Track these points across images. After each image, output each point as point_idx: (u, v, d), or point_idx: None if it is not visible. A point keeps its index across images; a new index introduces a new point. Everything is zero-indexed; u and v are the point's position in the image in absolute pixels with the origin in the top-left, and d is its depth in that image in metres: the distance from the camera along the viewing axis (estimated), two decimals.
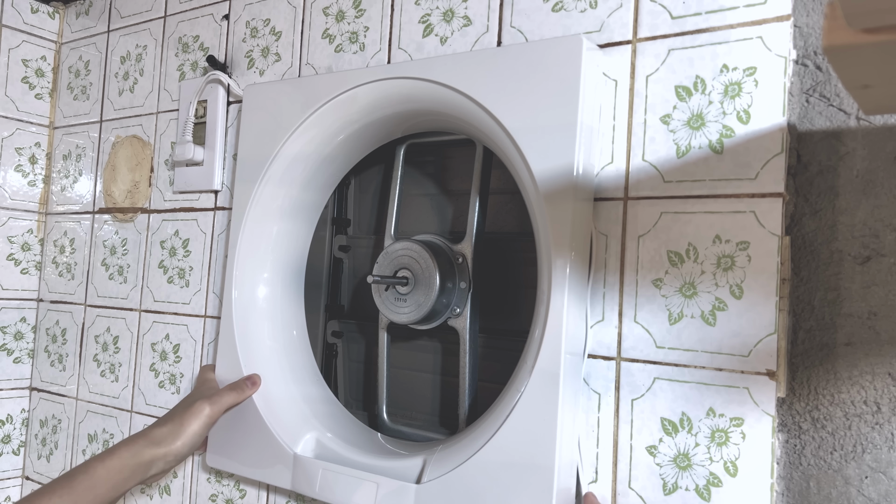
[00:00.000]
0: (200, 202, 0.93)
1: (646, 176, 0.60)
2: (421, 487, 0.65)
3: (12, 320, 1.11)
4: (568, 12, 0.66)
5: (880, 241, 0.52)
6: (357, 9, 0.80)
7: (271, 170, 0.80)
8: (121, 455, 0.70)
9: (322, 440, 0.75)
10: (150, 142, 1.00)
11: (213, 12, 0.94)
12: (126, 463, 0.70)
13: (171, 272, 0.95)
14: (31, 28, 1.13)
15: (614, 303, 0.61)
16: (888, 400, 0.51)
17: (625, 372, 0.61)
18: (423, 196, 0.83)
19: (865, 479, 0.52)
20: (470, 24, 0.72)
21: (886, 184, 0.52)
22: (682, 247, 0.58)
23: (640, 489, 0.59)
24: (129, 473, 0.70)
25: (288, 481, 0.74)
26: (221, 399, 0.75)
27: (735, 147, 0.57)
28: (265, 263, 0.82)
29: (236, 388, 0.77)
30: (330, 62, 0.82)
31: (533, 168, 0.61)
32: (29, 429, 1.13)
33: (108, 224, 1.05)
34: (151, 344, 0.96)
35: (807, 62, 0.55)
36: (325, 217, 0.86)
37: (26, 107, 1.12)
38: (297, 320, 0.84)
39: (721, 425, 0.56)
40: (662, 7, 0.61)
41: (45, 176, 1.15)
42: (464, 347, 0.73)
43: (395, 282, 0.73)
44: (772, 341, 0.54)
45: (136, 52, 1.04)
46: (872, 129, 0.53)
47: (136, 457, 0.70)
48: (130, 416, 0.98)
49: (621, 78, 0.62)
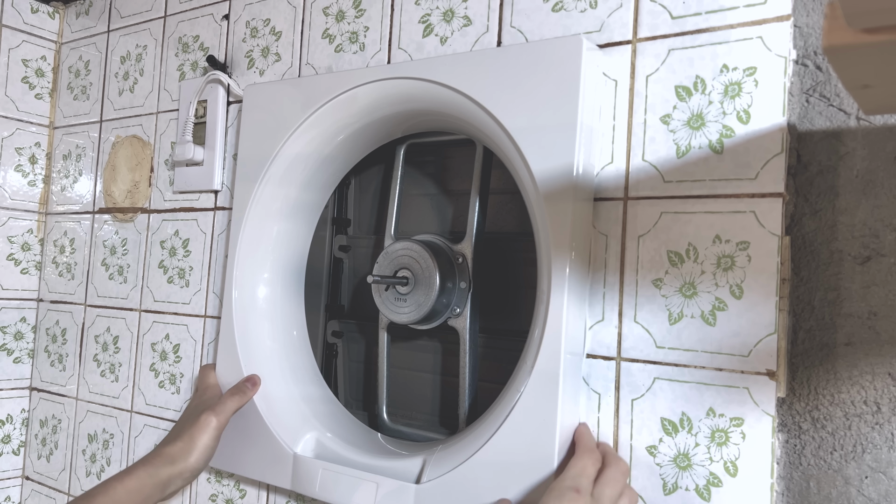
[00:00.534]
0: (200, 202, 0.93)
1: (646, 176, 0.60)
2: (420, 487, 0.65)
3: (12, 320, 1.11)
4: (568, 12, 0.66)
5: (880, 241, 0.52)
6: (357, 9, 0.80)
7: (271, 170, 0.80)
8: (139, 475, 0.70)
9: (322, 440, 0.75)
10: (150, 142, 1.00)
11: (213, 12, 0.94)
12: (145, 483, 0.70)
13: (171, 272, 0.95)
14: (31, 28, 1.13)
15: (614, 303, 0.61)
16: (888, 400, 0.51)
17: (625, 372, 0.61)
18: (423, 196, 0.83)
19: (865, 479, 0.52)
20: (470, 24, 0.72)
21: (886, 184, 0.52)
22: (682, 247, 0.58)
23: (640, 489, 0.59)
24: (148, 493, 0.70)
25: (288, 481, 0.74)
26: (226, 407, 0.75)
27: (735, 147, 0.57)
28: (265, 263, 0.82)
29: (238, 392, 0.77)
30: (330, 62, 0.82)
31: (533, 168, 0.61)
32: (29, 429, 1.13)
33: (108, 224, 1.05)
34: (151, 344, 0.96)
35: (807, 62, 0.55)
36: (325, 217, 0.86)
37: (26, 107, 1.12)
38: (297, 320, 0.84)
39: (721, 425, 0.56)
40: (662, 7, 0.61)
41: (45, 176, 1.15)
42: (464, 347, 0.73)
43: (395, 282, 0.73)
44: (772, 341, 0.54)
45: (136, 52, 1.04)
46: (872, 129, 0.53)
47: (154, 476, 0.71)
48: (130, 416, 0.98)
49: (621, 78, 0.62)
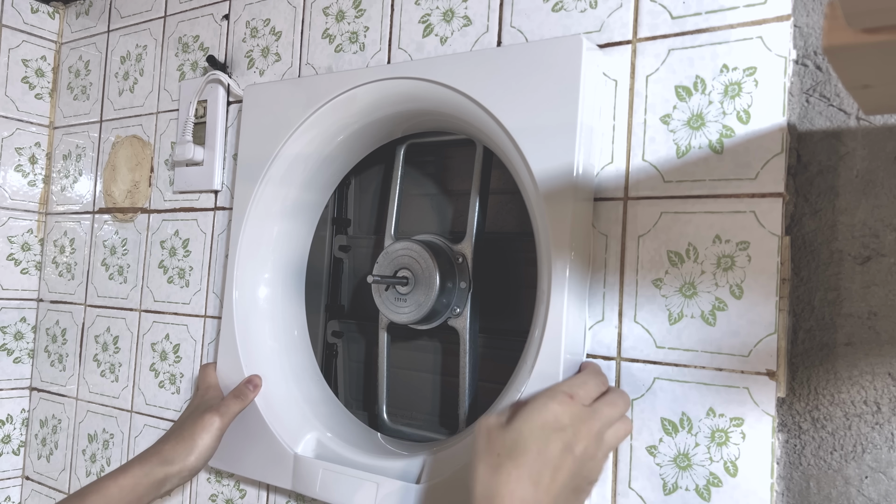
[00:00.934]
0: (200, 202, 0.93)
1: (646, 176, 0.60)
2: (421, 488, 0.65)
3: (12, 320, 1.11)
4: (568, 12, 0.66)
5: (880, 241, 0.52)
6: (357, 9, 0.80)
7: (272, 170, 0.80)
8: (134, 473, 0.69)
9: (322, 440, 0.75)
10: (150, 142, 1.00)
11: (213, 12, 0.94)
12: (139, 482, 0.69)
13: (171, 272, 0.95)
14: (31, 28, 1.13)
15: (614, 303, 0.61)
16: (888, 400, 0.51)
17: (625, 372, 0.61)
18: (423, 196, 0.83)
19: (865, 479, 0.52)
20: (470, 24, 0.72)
21: (886, 184, 0.52)
22: (682, 247, 0.58)
23: (640, 489, 0.59)
24: (142, 492, 0.69)
25: (289, 481, 0.74)
26: (229, 409, 0.75)
27: (735, 147, 0.57)
28: (266, 264, 0.82)
29: (240, 396, 0.77)
30: (330, 62, 0.82)
31: (533, 168, 0.61)
32: (29, 429, 1.13)
33: (108, 224, 1.05)
34: (151, 344, 0.96)
35: (807, 62, 0.55)
36: (325, 217, 0.86)
37: (26, 107, 1.12)
38: (297, 320, 0.84)
39: (721, 425, 0.56)
40: (662, 7, 0.61)
41: (45, 176, 1.15)
42: (464, 347, 0.73)
43: (395, 282, 0.73)
44: (772, 341, 0.54)
45: (136, 52, 1.04)
46: (872, 129, 0.53)
47: (150, 475, 0.70)
48: (130, 416, 0.98)
49: (621, 78, 0.62)
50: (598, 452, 0.53)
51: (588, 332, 0.62)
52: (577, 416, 0.52)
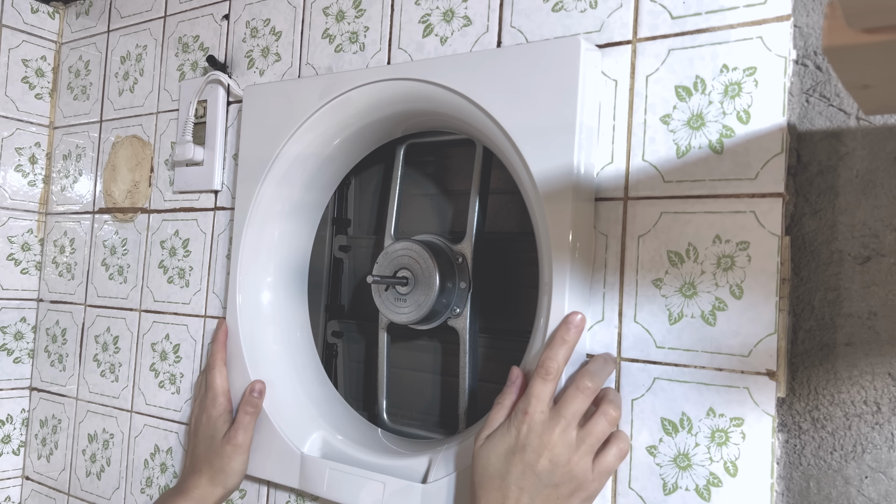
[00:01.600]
0: (200, 202, 0.93)
1: (646, 176, 0.60)
2: (427, 487, 0.65)
3: (12, 320, 1.11)
4: (568, 12, 0.66)
5: (880, 241, 0.52)
6: (357, 9, 0.80)
7: (273, 171, 0.80)
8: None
9: (328, 440, 0.75)
10: (150, 142, 1.00)
11: (213, 12, 0.94)
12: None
13: (171, 272, 0.95)
14: (31, 28, 1.13)
15: (614, 303, 0.61)
16: (888, 400, 0.51)
17: (625, 372, 0.61)
18: (423, 196, 0.83)
19: (865, 479, 0.52)
20: (470, 24, 0.72)
21: (886, 184, 0.52)
22: (682, 247, 0.58)
23: (640, 489, 0.59)
24: None
25: (296, 481, 0.74)
26: (249, 424, 0.77)
27: (735, 147, 0.57)
28: (268, 266, 0.82)
29: (252, 408, 0.77)
30: (330, 62, 0.82)
31: (532, 169, 0.61)
32: (29, 429, 1.13)
33: (108, 224, 1.05)
34: (151, 344, 0.96)
35: (807, 62, 0.55)
36: (325, 217, 0.86)
37: (26, 107, 1.12)
38: (300, 321, 0.84)
39: (721, 425, 0.56)
40: (662, 7, 0.61)
41: (45, 176, 1.15)
42: (464, 347, 0.73)
43: (395, 282, 0.73)
44: (772, 341, 0.54)
45: (136, 52, 1.04)
46: (872, 129, 0.53)
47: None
48: (130, 416, 0.98)
49: (621, 78, 0.62)
50: (574, 456, 0.55)
51: (588, 332, 0.62)
52: (535, 431, 0.56)
